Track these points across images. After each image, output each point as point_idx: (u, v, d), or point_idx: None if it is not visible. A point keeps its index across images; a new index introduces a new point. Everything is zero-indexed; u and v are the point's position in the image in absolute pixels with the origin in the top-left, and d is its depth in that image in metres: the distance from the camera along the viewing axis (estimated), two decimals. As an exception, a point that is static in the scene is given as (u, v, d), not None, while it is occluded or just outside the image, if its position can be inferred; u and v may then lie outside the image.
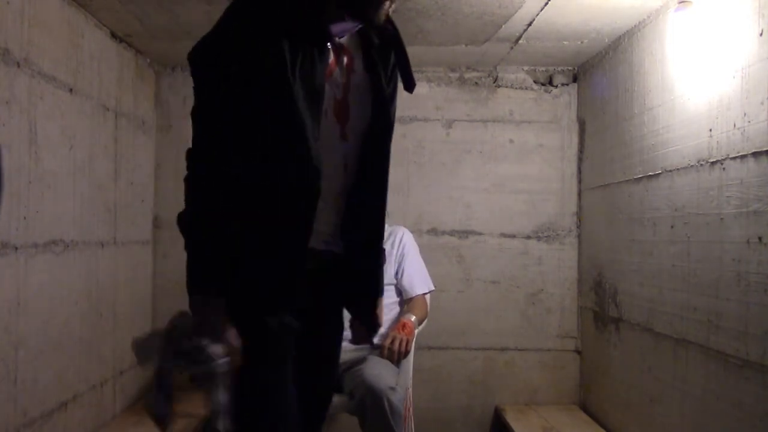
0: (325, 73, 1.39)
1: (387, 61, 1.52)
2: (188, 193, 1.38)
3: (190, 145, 1.39)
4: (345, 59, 1.46)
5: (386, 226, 3.02)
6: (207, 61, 1.39)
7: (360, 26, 1.46)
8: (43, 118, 2.17)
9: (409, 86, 1.54)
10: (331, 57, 1.42)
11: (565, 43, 2.93)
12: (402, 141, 3.31)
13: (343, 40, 1.46)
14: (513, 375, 3.34)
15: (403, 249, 2.85)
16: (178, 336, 1.34)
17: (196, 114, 1.39)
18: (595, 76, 3.14)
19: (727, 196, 1.94)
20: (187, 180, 1.38)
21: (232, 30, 1.39)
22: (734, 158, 1.91)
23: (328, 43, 1.41)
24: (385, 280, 2.83)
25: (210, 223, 1.34)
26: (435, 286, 2.94)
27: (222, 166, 1.35)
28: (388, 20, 1.48)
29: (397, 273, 2.83)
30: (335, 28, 1.41)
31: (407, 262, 2.84)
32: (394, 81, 1.55)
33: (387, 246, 2.89)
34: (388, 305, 2.84)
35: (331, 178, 1.43)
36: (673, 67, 2.32)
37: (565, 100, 3.38)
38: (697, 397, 2.12)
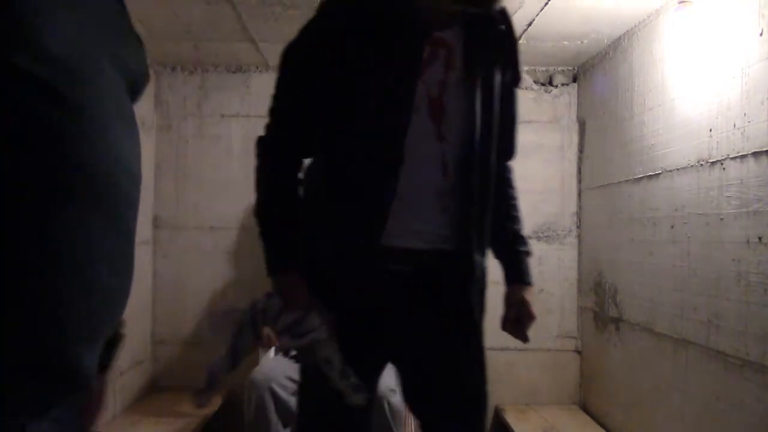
0: (419, 70, 1.33)
1: (496, 57, 1.42)
2: (258, 182, 1.42)
3: (262, 134, 1.43)
4: (443, 54, 1.36)
5: None
6: (288, 56, 1.40)
7: (465, 19, 1.37)
8: (43, 118, 2.16)
9: (516, 81, 1.47)
10: (427, 52, 1.34)
11: (565, 43, 2.93)
12: (402, 141, 3.31)
13: (444, 34, 1.36)
14: (513, 375, 3.34)
15: None
16: (268, 316, 1.38)
17: (272, 106, 1.42)
18: (595, 76, 3.14)
19: (727, 196, 1.94)
20: (257, 170, 1.42)
21: (316, 23, 1.38)
22: (734, 158, 1.91)
23: (424, 39, 1.34)
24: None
25: (280, 212, 1.39)
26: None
27: (290, 160, 1.41)
28: (502, 10, 1.41)
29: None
30: (437, 21, 1.35)
31: None
32: (508, 76, 1.46)
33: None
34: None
35: (425, 176, 1.36)
36: (673, 67, 2.32)
37: (565, 100, 3.38)
38: (697, 397, 2.12)
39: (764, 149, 1.77)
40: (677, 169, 2.26)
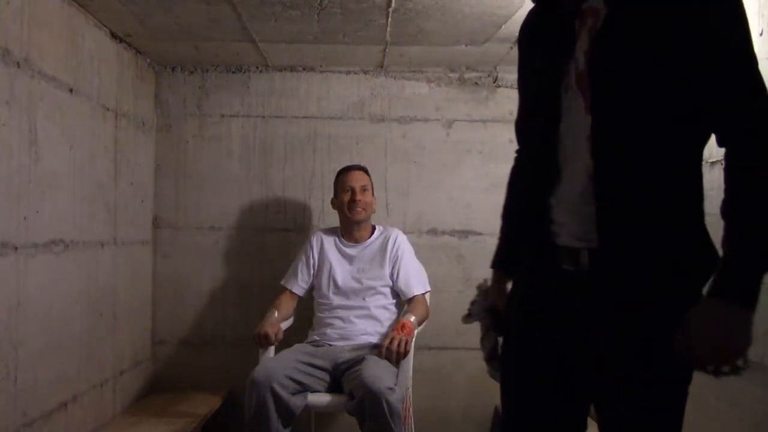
0: (570, 51, 1.23)
1: (657, 14, 1.17)
2: None
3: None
4: (591, 23, 1.22)
5: (379, 227, 3.04)
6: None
7: None
8: (43, 118, 2.17)
9: (707, 45, 1.23)
10: (578, 27, 1.24)
11: (565, 43, 2.93)
12: (402, 141, 3.32)
13: (594, 1, 1.23)
14: (513, 375, 3.34)
15: (397, 251, 2.87)
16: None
17: None
18: (595, 76, 3.13)
19: (727, 196, 1.94)
20: None
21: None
22: (734, 158, 1.91)
23: (575, 15, 1.25)
24: (381, 282, 2.87)
25: (503, 211, 1.53)
26: (435, 287, 2.94)
27: (518, 160, 1.53)
28: None
29: (392, 275, 2.84)
30: None
31: (403, 263, 2.85)
32: (689, 40, 1.18)
33: (375, 246, 2.90)
34: (385, 306, 2.85)
35: (579, 159, 1.21)
36: (673, 67, 2.31)
37: (565, 100, 3.38)
38: (697, 397, 2.12)
39: (764, 149, 1.77)
40: (677, 169, 2.26)
